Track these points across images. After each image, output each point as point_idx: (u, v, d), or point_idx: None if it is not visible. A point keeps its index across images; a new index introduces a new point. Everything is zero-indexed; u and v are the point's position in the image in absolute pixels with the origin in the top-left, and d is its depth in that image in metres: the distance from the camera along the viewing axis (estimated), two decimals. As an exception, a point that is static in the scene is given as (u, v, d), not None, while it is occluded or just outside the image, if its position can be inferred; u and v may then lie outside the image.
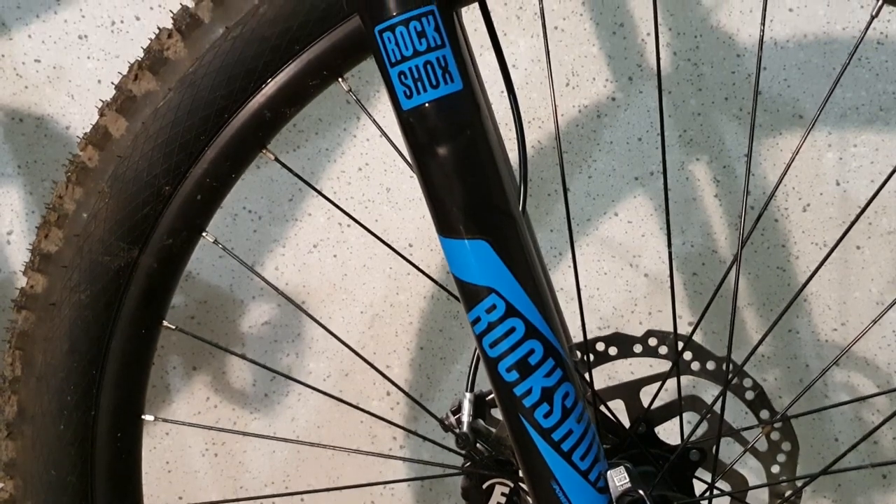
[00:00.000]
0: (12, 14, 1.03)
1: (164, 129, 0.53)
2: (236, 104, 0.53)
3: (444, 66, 0.45)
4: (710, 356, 0.61)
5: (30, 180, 1.08)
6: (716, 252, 1.14)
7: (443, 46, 0.45)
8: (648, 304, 1.15)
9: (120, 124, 0.54)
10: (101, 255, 0.55)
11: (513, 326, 0.46)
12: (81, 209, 0.54)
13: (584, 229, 1.13)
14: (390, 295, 1.14)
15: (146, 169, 0.54)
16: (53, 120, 1.06)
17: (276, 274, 1.12)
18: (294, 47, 0.53)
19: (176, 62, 0.53)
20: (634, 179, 1.11)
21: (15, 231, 1.09)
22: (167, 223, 0.55)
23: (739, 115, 1.09)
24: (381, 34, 0.45)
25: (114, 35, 1.04)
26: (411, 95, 0.45)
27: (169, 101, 0.52)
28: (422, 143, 0.46)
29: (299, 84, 0.54)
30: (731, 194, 1.12)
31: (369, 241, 1.12)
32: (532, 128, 1.10)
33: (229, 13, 0.52)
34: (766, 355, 1.17)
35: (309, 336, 1.15)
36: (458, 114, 0.45)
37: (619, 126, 1.10)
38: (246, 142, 0.55)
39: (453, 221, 0.46)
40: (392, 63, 0.45)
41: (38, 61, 1.05)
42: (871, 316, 1.16)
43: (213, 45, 0.52)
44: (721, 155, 1.10)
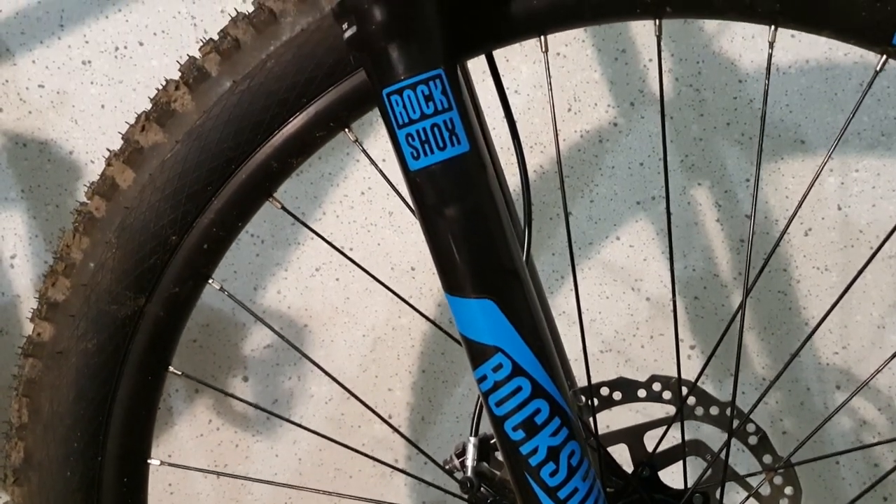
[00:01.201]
0: (16, 40, 1.03)
1: (171, 181, 0.53)
2: (243, 155, 0.54)
3: (451, 128, 0.45)
4: (715, 402, 0.61)
5: (33, 205, 1.08)
6: (717, 276, 1.14)
7: (450, 109, 0.45)
8: (650, 327, 1.16)
9: (127, 175, 0.54)
10: (108, 304, 0.55)
11: (519, 386, 0.46)
12: (88, 259, 0.55)
13: (585, 253, 1.14)
14: (392, 318, 1.14)
15: (153, 220, 0.54)
16: (57, 145, 1.07)
17: (279, 297, 1.13)
18: (301, 100, 0.53)
19: (183, 115, 0.53)
20: (636, 204, 1.12)
21: (18, 255, 1.10)
22: (174, 272, 0.55)
23: (741, 140, 1.09)
24: (389, 97, 0.45)
25: (117, 60, 1.04)
26: (418, 157, 0.45)
27: (176, 154, 0.53)
28: (428, 204, 0.46)
29: (306, 135, 0.54)
30: (732, 219, 1.12)
31: (371, 265, 1.12)
32: (534, 152, 1.11)
33: (237, 67, 0.52)
34: (766, 379, 1.18)
35: (311, 359, 1.15)
36: (464, 175, 0.45)
37: (620, 151, 1.10)
38: (253, 191, 0.55)
39: (460, 280, 0.46)
40: (399, 125, 0.45)
41: (42, 86, 1.05)
42: (873, 340, 1.16)
43: (221, 98, 0.52)
44: (723, 180, 1.11)
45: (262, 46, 0.52)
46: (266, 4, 0.52)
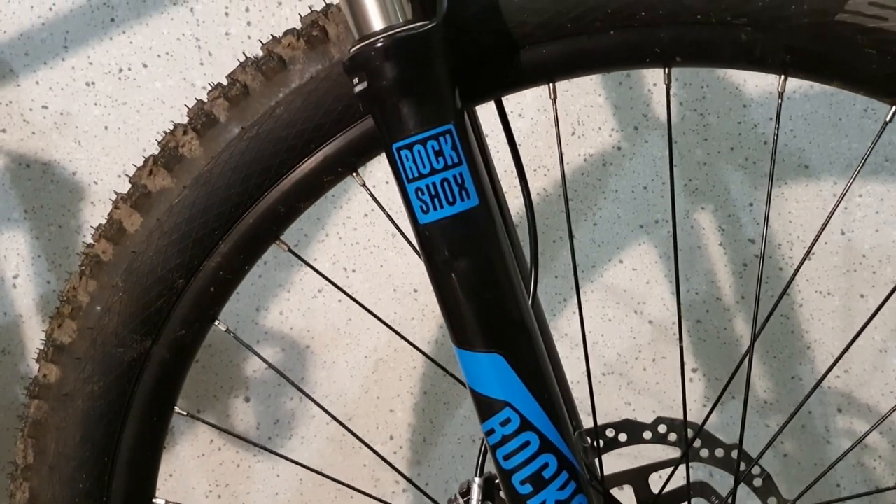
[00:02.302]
0: (20, 61, 1.03)
1: (178, 226, 0.53)
2: (251, 200, 0.54)
3: (460, 182, 0.45)
4: (721, 444, 0.61)
5: (36, 225, 1.08)
6: (720, 300, 1.14)
7: (459, 164, 0.45)
8: (653, 350, 1.16)
9: (135, 219, 0.54)
10: (115, 347, 0.55)
11: (527, 440, 0.46)
12: (95, 302, 0.55)
13: (589, 276, 1.14)
14: (394, 340, 1.14)
15: (160, 264, 0.54)
16: (60, 165, 1.06)
17: (281, 319, 1.13)
18: (310, 146, 0.53)
19: (191, 160, 0.53)
20: (639, 227, 1.12)
21: (21, 275, 1.10)
22: (180, 315, 0.55)
23: (745, 164, 1.09)
24: (399, 151, 0.45)
25: (121, 82, 1.04)
26: (428, 211, 0.45)
27: (184, 199, 0.53)
28: (437, 258, 0.46)
29: (314, 180, 0.54)
30: (735, 243, 1.12)
31: (374, 287, 1.12)
32: (538, 175, 1.10)
33: (245, 114, 0.52)
34: (768, 402, 1.18)
35: (313, 380, 1.15)
36: (473, 230, 0.45)
37: (624, 175, 1.10)
38: (260, 235, 0.55)
39: (468, 334, 0.46)
40: (409, 179, 0.45)
41: (46, 107, 1.05)
42: (875, 364, 1.16)
43: (229, 144, 0.52)
44: (726, 204, 1.11)
45: (271, 93, 0.52)
46: (275, 51, 0.52)
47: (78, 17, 1.02)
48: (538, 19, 0.49)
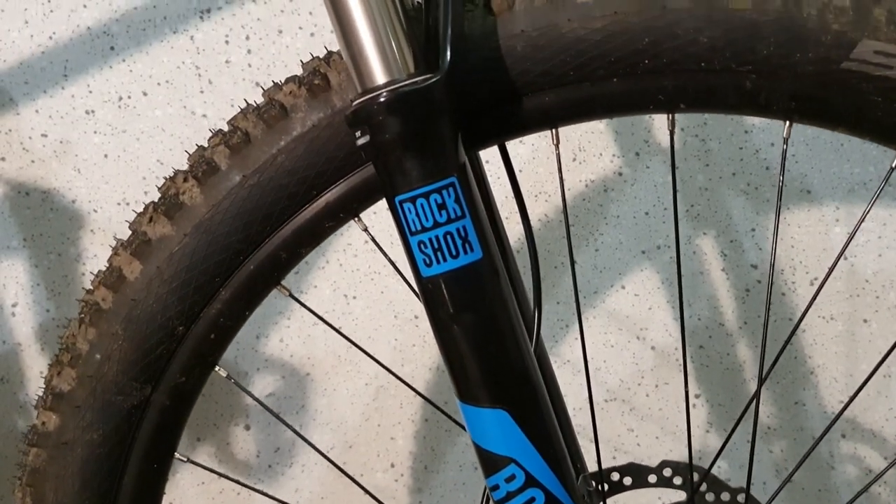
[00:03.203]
0: (20, 89, 1.03)
1: (179, 274, 0.53)
2: (252, 247, 0.53)
3: (463, 235, 0.45)
4: (727, 488, 0.60)
5: (35, 253, 1.08)
6: (722, 325, 1.14)
7: (463, 217, 0.45)
8: (655, 376, 1.15)
9: (134, 267, 0.53)
10: (114, 394, 0.54)
11: (532, 497, 0.45)
12: (94, 350, 0.54)
13: (590, 302, 1.13)
14: (395, 366, 1.13)
15: (160, 312, 0.53)
16: (59, 193, 1.06)
17: (281, 346, 1.12)
18: (311, 192, 0.52)
19: (192, 207, 0.52)
20: (641, 253, 1.11)
21: (20, 303, 1.09)
22: (180, 362, 0.55)
23: (747, 189, 1.09)
24: (402, 204, 0.45)
25: (121, 110, 1.04)
26: (431, 264, 0.45)
27: (184, 247, 0.52)
28: (440, 311, 0.45)
29: (316, 226, 0.53)
30: (737, 268, 1.12)
31: (374, 313, 1.12)
32: (539, 201, 1.10)
33: (247, 162, 0.52)
34: (772, 427, 1.17)
35: (313, 408, 1.14)
36: (477, 283, 0.45)
37: (625, 200, 1.09)
38: (261, 281, 0.54)
39: (472, 390, 0.46)
40: (412, 232, 0.45)
41: (45, 136, 1.04)
42: (879, 389, 1.16)
43: (230, 192, 0.52)
44: (728, 229, 1.10)
45: (272, 141, 0.51)
46: (277, 98, 0.51)
47: (78, 46, 1.02)
48: (541, 68, 0.49)
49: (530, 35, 0.49)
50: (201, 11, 1.02)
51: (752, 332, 1.14)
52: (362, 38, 0.44)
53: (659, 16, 0.48)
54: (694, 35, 0.48)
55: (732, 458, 1.18)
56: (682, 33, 0.48)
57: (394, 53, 0.44)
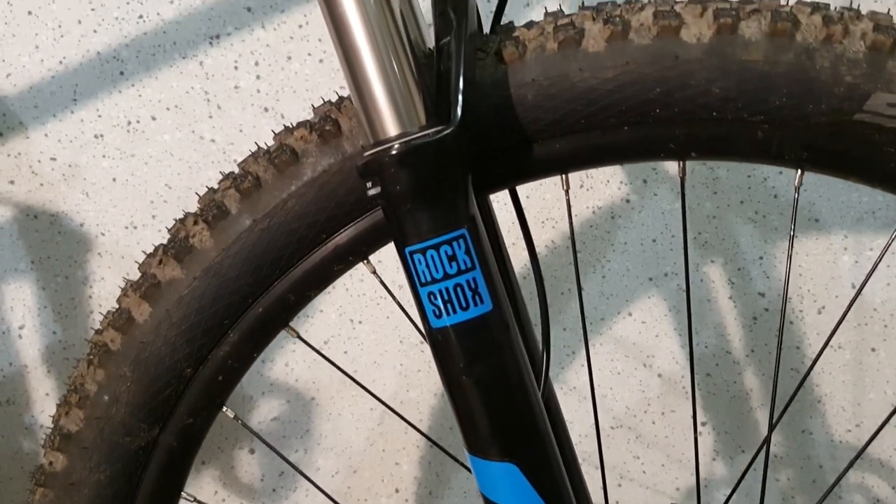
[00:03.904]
0: (29, 114, 1.03)
1: (188, 317, 0.53)
2: (261, 290, 0.53)
3: (474, 287, 0.44)
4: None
5: (42, 276, 1.08)
6: (729, 353, 1.13)
7: (473, 269, 0.44)
8: (661, 403, 1.15)
9: (143, 309, 0.53)
10: (122, 436, 0.54)
11: (541, 549, 0.45)
12: (103, 391, 0.54)
13: (597, 328, 1.13)
14: (401, 391, 1.13)
15: (169, 354, 0.53)
16: (68, 217, 1.06)
17: (287, 370, 1.12)
18: (321, 236, 0.52)
19: (202, 251, 0.52)
20: (648, 280, 1.11)
21: (27, 325, 1.09)
22: (188, 403, 0.55)
23: (755, 217, 1.08)
24: (412, 255, 0.45)
25: (129, 134, 1.04)
26: (440, 316, 0.45)
27: (194, 291, 0.52)
28: (449, 363, 0.45)
29: (325, 269, 0.53)
30: (745, 296, 1.11)
31: (380, 338, 1.12)
32: (546, 228, 1.10)
33: (256, 206, 0.52)
34: (779, 455, 1.16)
35: (317, 432, 1.14)
36: (487, 335, 0.45)
37: (632, 227, 1.09)
38: (269, 324, 0.54)
39: (481, 443, 0.45)
40: (422, 283, 0.45)
41: (54, 159, 1.05)
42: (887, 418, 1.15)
43: (240, 236, 0.52)
44: (736, 257, 1.10)
45: (283, 186, 0.51)
46: (287, 143, 0.51)
47: (88, 71, 1.02)
48: (551, 116, 0.49)
49: (541, 84, 0.49)
50: (211, 37, 1.02)
51: (759, 360, 1.13)
52: (374, 89, 0.44)
53: (671, 66, 0.48)
54: (706, 86, 0.48)
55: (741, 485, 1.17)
56: (695, 84, 0.48)
57: (405, 105, 0.44)
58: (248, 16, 1.01)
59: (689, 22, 0.48)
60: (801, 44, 0.47)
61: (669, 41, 0.48)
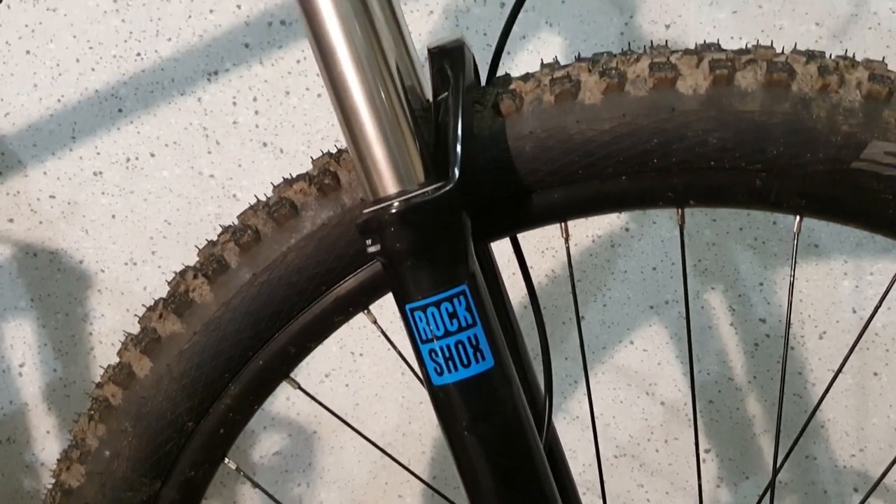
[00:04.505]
0: (28, 152, 1.03)
1: (188, 371, 0.53)
2: (261, 343, 0.53)
3: (475, 344, 0.44)
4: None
5: (42, 313, 1.08)
6: (732, 380, 1.13)
7: (474, 325, 0.44)
8: (665, 431, 1.14)
9: (144, 364, 0.53)
10: (123, 491, 0.54)
11: None
12: (104, 447, 0.54)
13: (599, 357, 1.13)
14: (403, 424, 1.13)
15: (170, 409, 0.53)
16: (67, 254, 1.06)
17: (288, 404, 1.12)
18: (321, 288, 0.52)
19: (202, 305, 0.52)
20: (649, 308, 1.11)
21: (27, 363, 1.09)
22: (189, 457, 0.55)
23: (754, 244, 1.09)
24: (412, 312, 0.45)
25: (129, 171, 1.04)
26: (442, 373, 0.45)
27: (194, 345, 0.52)
28: (451, 420, 0.45)
29: (325, 321, 0.53)
30: (746, 322, 1.11)
31: (381, 370, 1.11)
32: (546, 257, 1.10)
33: (256, 260, 0.52)
34: (783, 481, 1.16)
35: (320, 466, 1.13)
36: (488, 392, 0.45)
37: (633, 256, 1.09)
38: (269, 376, 0.54)
39: (483, 499, 0.45)
40: (423, 340, 0.45)
41: (53, 197, 1.05)
42: (891, 442, 1.15)
43: (240, 290, 0.52)
44: (736, 284, 1.10)
45: (282, 239, 0.51)
46: (287, 196, 0.52)
47: (86, 108, 1.03)
48: (550, 167, 0.49)
49: (539, 136, 0.49)
50: (209, 73, 1.02)
51: (761, 386, 1.13)
52: (372, 148, 0.44)
53: (668, 118, 0.48)
54: (703, 136, 0.48)
55: (744, 512, 1.17)
56: (692, 135, 0.48)
57: (404, 162, 0.44)
58: (246, 52, 1.02)
59: (686, 73, 0.48)
60: (797, 94, 0.47)
61: (666, 93, 0.48)
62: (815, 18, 1.00)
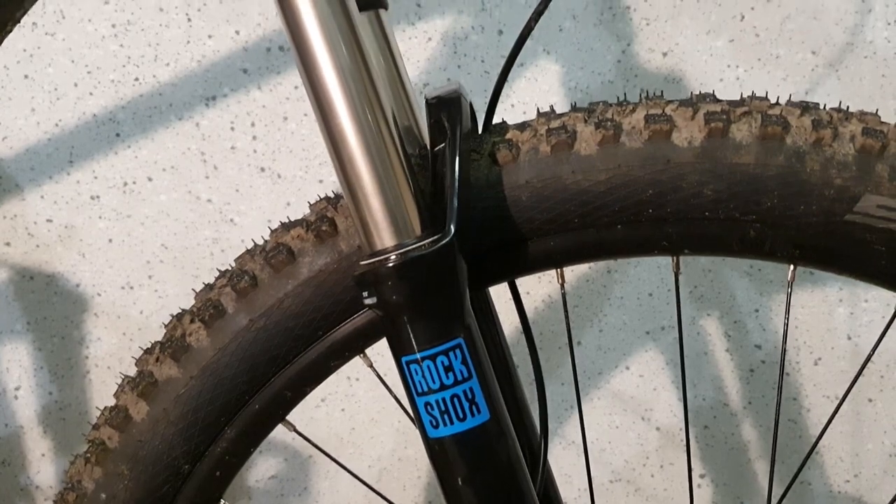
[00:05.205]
0: (26, 176, 1.04)
1: (185, 415, 0.53)
2: (257, 387, 0.53)
3: (470, 398, 0.45)
4: None
5: (38, 336, 1.08)
6: (727, 405, 1.13)
7: (469, 378, 0.45)
8: (660, 457, 1.14)
9: (141, 408, 0.53)
10: (119, 533, 0.54)
11: None
12: (100, 489, 0.54)
13: (595, 382, 1.13)
14: (398, 449, 1.13)
15: (166, 452, 0.53)
16: (64, 278, 1.06)
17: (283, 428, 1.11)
18: (317, 333, 0.52)
19: (198, 350, 0.52)
20: (646, 334, 1.11)
21: (23, 386, 1.09)
22: (186, 499, 0.55)
23: (750, 271, 1.09)
24: (408, 364, 0.45)
25: (126, 195, 1.04)
26: (437, 426, 0.45)
27: (191, 389, 0.52)
28: (447, 473, 0.45)
29: (321, 365, 0.54)
30: (741, 349, 1.12)
31: (378, 396, 1.11)
32: (542, 282, 1.10)
33: (253, 305, 0.52)
34: (778, 507, 1.16)
35: (315, 490, 1.13)
36: (484, 445, 0.45)
37: (629, 282, 1.10)
38: (265, 419, 0.55)
39: (480, 548, 0.45)
40: (418, 393, 0.45)
41: (50, 221, 1.05)
42: (885, 468, 1.15)
43: (237, 335, 0.52)
44: (732, 310, 1.10)
45: (279, 285, 0.51)
46: (284, 242, 0.52)
47: (84, 133, 1.03)
48: (546, 216, 0.49)
49: (535, 186, 0.49)
50: (207, 98, 1.03)
51: (756, 412, 1.13)
52: (370, 199, 0.45)
53: (663, 170, 0.48)
54: (698, 188, 0.48)
55: (739, 537, 1.17)
56: (686, 186, 0.48)
57: (401, 216, 0.45)
58: (245, 77, 1.02)
59: (681, 125, 0.48)
60: (791, 147, 0.48)
61: (661, 144, 0.48)
62: (811, 47, 1.01)
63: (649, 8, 1.00)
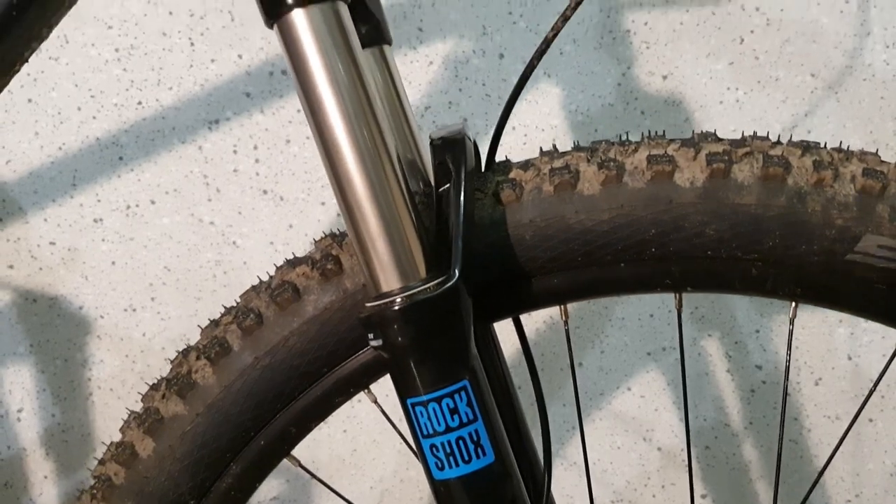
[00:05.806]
0: (29, 199, 1.04)
1: (191, 452, 0.53)
2: (263, 424, 0.53)
3: (475, 440, 0.45)
4: None
5: (41, 359, 1.08)
6: (728, 426, 1.13)
7: (475, 420, 0.45)
8: (661, 477, 1.15)
9: (147, 444, 0.54)
10: (125, 569, 0.54)
11: None
12: (105, 526, 0.54)
13: (597, 403, 1.13)
14: (400, 470, 1.13)
15: (172, 488, 0.53)
16: (67, 300, 1.07)
17: (287, 449, 1.11)
18: (322, 370, 0.53)
19: (204, 387, 0.53)
20: (647, 355, 1.11)
21: (25, 409, 1.09)
22: (191, 534, 0.55)
23: (750, 292, 1.09)
24: (413, 406, 0.45)
25: (129, 218, 1.05)
26: (443, 468, 0.45)
27: (196, 427, 0.52)
28: (454, 513, 0.45)
29: (326, 402, 0.54)
30: (742, 369, 1.12)
31: (380, 416, 1.11)
32: (544, 303, 1.10)
33: (258, 343, 0.52)
34: (780, 527, 1.16)
35: (319, 511, 1.13)
36: (489, 487, 0.45)
37: (630, 302, 1.10)
38: (270, 454, 0.55)
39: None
40: (424, 435, 0.45)
41: (53, 244, 1.05)
42: (886, 487, 1.15)
43: (242, 373, 0.52)
44: (732, 331, 1.11)
45: (285, 323, 0.52)
46: (289, 280, 0.52)
47: (87, 156, 1.03)
48: (549, 255, 0.50)
49: (538, 225, 0.49)
50: (210, 122, 1.03)
51: (757, 432, 1.14)
52: (376, 242, 0.45)
53: (665, 210, 0.48)
54: (700, 227, 0.49)
55: (740, 557, 1.17)
56: (689, 226, 0.49)
57: (406, 259, 0.45)
58: (247, 101, 1.03)
59: (683, 166, 0.49)
60: (792, 188, 0.48)
61: (663, 185, 0.49)
62: (810, 70, 1.01)
63: (649, 32, 1.00)
